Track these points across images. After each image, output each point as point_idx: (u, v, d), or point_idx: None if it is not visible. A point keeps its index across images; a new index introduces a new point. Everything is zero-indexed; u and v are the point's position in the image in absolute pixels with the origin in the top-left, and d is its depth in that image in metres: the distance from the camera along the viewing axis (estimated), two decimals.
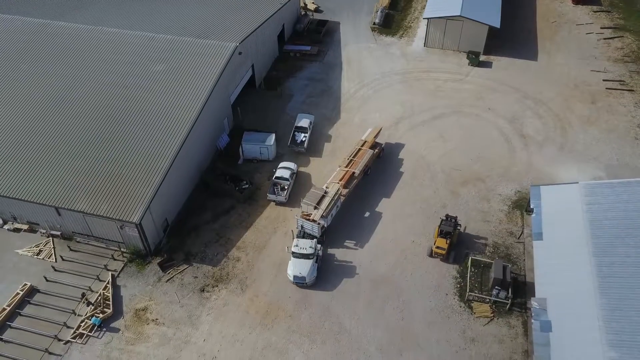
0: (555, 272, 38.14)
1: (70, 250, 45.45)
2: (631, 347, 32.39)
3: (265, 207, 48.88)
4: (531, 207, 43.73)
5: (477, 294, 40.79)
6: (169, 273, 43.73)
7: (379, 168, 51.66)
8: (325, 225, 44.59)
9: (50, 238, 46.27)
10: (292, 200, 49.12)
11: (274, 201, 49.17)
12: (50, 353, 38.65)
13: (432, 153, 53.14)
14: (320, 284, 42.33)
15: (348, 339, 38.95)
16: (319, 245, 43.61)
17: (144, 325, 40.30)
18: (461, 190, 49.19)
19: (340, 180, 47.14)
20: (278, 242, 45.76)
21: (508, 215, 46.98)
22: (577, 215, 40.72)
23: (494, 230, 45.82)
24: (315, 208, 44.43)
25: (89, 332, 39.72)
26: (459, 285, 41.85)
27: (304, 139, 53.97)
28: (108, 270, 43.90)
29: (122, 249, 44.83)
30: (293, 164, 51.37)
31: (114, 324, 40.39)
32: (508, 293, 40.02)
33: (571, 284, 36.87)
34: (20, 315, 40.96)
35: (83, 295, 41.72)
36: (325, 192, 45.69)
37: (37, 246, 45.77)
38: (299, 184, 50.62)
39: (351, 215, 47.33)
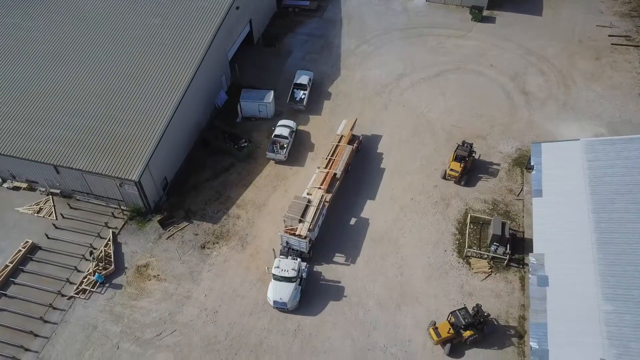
0: (553, 228, 38.33)
1: (71, 208, 45.55)
2: (626, 300, 32.90)
3: (264, 166, 48.69)
4: (531, 164, 43.54)
5: (475, 250, 41.12)
6: (169, 230, 43.95)
7: (379, 127, 51.25)
8: (313, 239, 40.90)
9: (50, 196, 46.30)
10: (292, 158, 48.89)
11: (273, 159, 48.91)
12: (54, 308, 39.31)
13: (433, 110, 52.53)
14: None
15: (347, 293, 39.52)
16: (303, 264, 39.69)
17: (145, 281, 40.81)
18: None
19: (322, 184, 42.97)
20: (278, 200, 45.80)
21: (508, 172, 46.84)
22: (577, 172, 40.61)
23: (494, 187, 45.78)
24: (300, 221, 40.13)
25: (91, 288, 40.27)
26: (457, 242, 42.15)
27: (303, 97, 53.20)
28: (109, 227, 44.11)
29: (122, 207, 44.90)
30: (292, 121, 50.79)
31: (116, 281, 40.89)
32: (506, 249, 40.33)
33: (569, 240, 37.13)
34: (23, 271, 41.43)
35: (91, 253, 42.09)
36: (309, 201, 41.19)
37: (37, 204, 45.84)
38: (299, 143, 50.25)
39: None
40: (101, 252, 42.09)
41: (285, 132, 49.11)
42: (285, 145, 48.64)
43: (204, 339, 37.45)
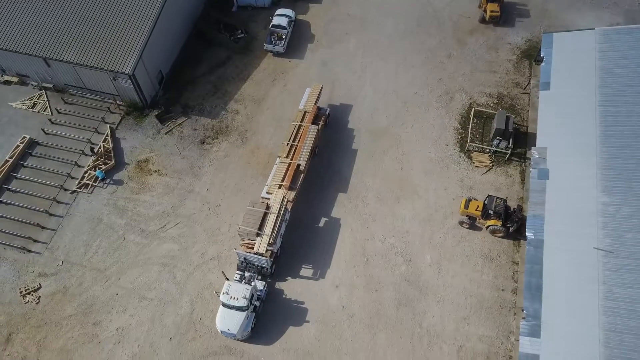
0: (558, 122, 37.52)
1: (65, 103, 44.55)
2: (625, 192, 32.92)
3: (262, 58, 46.83)
4: (541, 55, 41.64)
5: (477, 145, 40.71)
6: (167, 125, 43.32)
7: (382, 17, 48.41)
8: (276, 250, 35.37)
9: (43, 91, 45.07)
10: (291, 50, 46.89)
11: (271, 52, 46.91)
12: (58, 202, 39.84)
13: None
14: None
15: (348, 187, 39.74)
16: (261, 285, 34.44)
17: (147, 176, 40.97)
18: (468, 39, 46.62)
19: (283, 180, 36.80)
20: (277, 95, 44.61)
21: (516, 65, 45.06)
22: (588, 63, 38.92)
23: (500, 80, 44.28)
24: (258, 234, 34.42)
25: (93, 182, 40.50)
26: (459, 137, 41.61)
27: None
28: (106, 123, 43.43)
29: (117, 102, 43.85)
30: (291, 10, 48.09)
31: (117, 176, 41.03)
32: (509, 143, 39.87)
33: (573, 133, 36.47)
34: (24, 166, 41.45)
35: (92, 149, 41.78)
36: (267, 207, 35.34)
37: (30, 99, 44.77)
38: (298, 33, 47.86)
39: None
40: (100, 147, 41.78)
41: (283, 22, 46.59)
42: (283, 37, 46.36)
43: (207, 231, 38.34)
